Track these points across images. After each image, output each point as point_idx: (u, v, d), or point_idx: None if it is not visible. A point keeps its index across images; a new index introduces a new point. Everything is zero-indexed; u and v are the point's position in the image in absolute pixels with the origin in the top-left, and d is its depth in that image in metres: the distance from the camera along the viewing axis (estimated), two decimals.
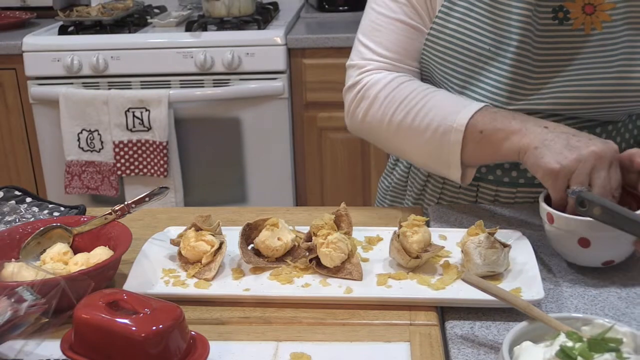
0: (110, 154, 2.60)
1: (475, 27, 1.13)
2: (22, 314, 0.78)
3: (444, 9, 1.14)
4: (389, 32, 1.18)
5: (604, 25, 1.10)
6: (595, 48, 1.10)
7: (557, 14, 1.10)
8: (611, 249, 0.95)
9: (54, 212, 1.19)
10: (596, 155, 0.94)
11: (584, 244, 0.94)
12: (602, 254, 0.96)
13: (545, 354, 0.69)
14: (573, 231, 0.95)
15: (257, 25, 2.65)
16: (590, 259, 0.97)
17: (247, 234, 1.02)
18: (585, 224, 0.93)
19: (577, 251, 0.96)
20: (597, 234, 0.93)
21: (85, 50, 2.57)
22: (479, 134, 1.06)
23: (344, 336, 0.86)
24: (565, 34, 1.11)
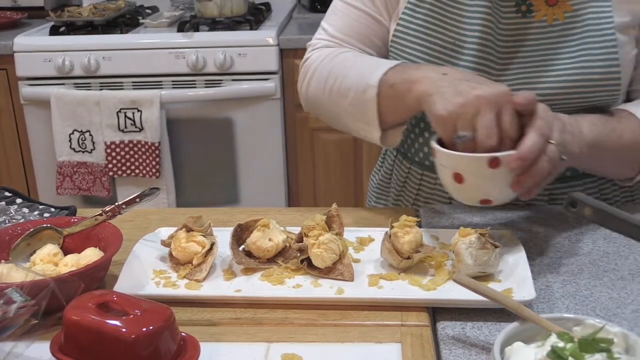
0: (102, 155, 2.60)
1: (440, 22, 1.14)
2: (12, 315, 0.77)
3: (410, 6, 1.16)
4: (344, 15, 1.24)
5: (566, 16, 1.11)
6: (558, 39, 1.11)
7: (520, 7, 1.12)
8: (485, 187, 0.95)
9: (44, 213, 1.19)
10: (481, 99, 0.93)
11: (458, 179, 0.95)
12: (476, 192, 0.96)
13: (537, 355, 0.69)
14: (448, 166, 0.96)
15: (249, 25, 2.65)
16: (466, 196, 0.98)
17: (239, 235, 1.01)
18: (458, 158, 0.94)
19: (454, 186, 0.96)
20: (469, 170, 0.94)
21: (77, 50, 2.57)
22: (389, 88, 1.07)
23: (335, 337, 0.86)
24: (528, 26, 1.12)
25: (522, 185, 0.92)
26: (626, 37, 1.11)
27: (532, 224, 1.12)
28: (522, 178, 0.92)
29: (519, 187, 0.93)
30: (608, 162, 1.11)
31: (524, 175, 0.92)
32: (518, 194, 0.95)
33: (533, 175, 0.92)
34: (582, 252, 1.03)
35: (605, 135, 1.06)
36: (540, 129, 0.92)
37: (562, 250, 1.04)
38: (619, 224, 0.88)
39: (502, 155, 0.91)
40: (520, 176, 0.92)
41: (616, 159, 1.11)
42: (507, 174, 0.92)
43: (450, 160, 0.95)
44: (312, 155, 2.72)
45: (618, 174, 1.17)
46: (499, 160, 0.91)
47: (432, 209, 1.19)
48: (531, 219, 1.13)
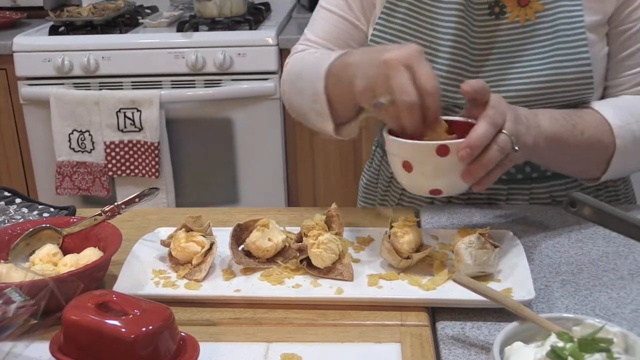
0: (102, 155, 2.60)
1: (415, 25, 1.15)
2: (11, 315, 0.77)
3: (386, 10, 1.17)
4: (323, 21, 1.26)
5: (537, 15, 1.11)
6: (531, 39, 1.12)
7: (493, 9, 1.13)
8: (434, 176, 0.94)
9: (43, 213, 1.19)
10: (386, 63, 0.92)
11: (407, 168, 0.94)
12: (425, 181, 0.95)
13: (536, 355, 0.69)
14: (397, 154, 0.95)
15: (249, 25, 2.65)
16: (415, 185, 0.97)
17: (238, 235, 1.01)
18: (405, 146, 0.93)
19: (403, 176, 0.95)
20: (417, 158, 0.93)
21: (76, 50, 2.57)
22: (335, 77, 1.06)
23: (334, 337, 0.86)
24: (501, 27, 1.13)
25: (473, 174, 0.92)
26: (596, 36, 1.12)
27: (531, 223, 1.12)
28: (472, 167, 0.91)
29: (469, 177, 0.92)
30: (569, 158, 1.10)
31: (474, 165, 0.91)
32: (469, 184, 0.94)
33: (483, 164, 0.91)
34: (581, 252, 1.03)
35: (567, 131, 1.06)
36: (491, 117, 0.91)
37: (561, 250, 1.04)
38: (618, 224, 0.88)
39: (450, 143, 0.91)
40: (470, 165, 0.91)
41: (578, 155, 1.10)
42: (457, 163, 0.91)
43: (398, 148, 0.94)
44: (312, 155, 2.72)
45: (583, 173, 1.16)
46: (447, 148, 0.90)
47: (431, 208, 1.19)
48: (531, 219, 1.13)
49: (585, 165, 1.13)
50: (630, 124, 1.10)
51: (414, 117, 0.91)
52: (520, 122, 0.96)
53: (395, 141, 0.95)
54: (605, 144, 1.09)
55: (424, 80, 0.90)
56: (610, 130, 1.09)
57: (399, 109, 0.91)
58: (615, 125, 1.09)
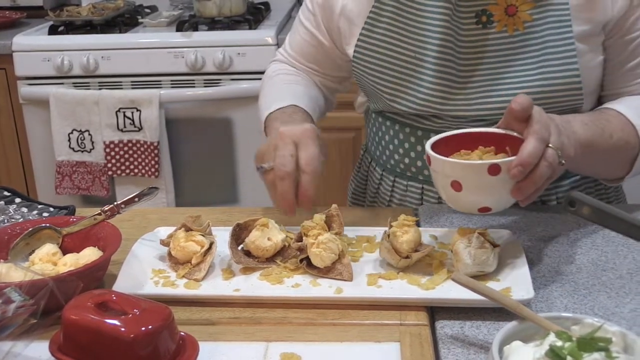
0: (101, 154, 2.59)
1: (400, 35, 1.15)
2: (10, 315, 0.77)
3: (369, 20, 1.17)
4: (297, 35, 1.33)
5: (526, 25, 1.11)
6: (519, 49, 1.11)
7: (480, 18, 1.12)
8: (484, 195, 0.94)
9: (43, 212, 1.19)
10: (280, 135, 1.05)
11: (457, 188, 0.93)
12: (475, 199, 0.94)
13: (535, 354, 0.69)
14: (445, 173, 0.94)
15: (249, 25, 2.64)
16: (465, 204, 0.96)
17: (237, 235, 1.02)
18: (456, 166, 0.93)
19: (451, 195, 0.95)
20: (467, 178, 0.92)
21: (76, 50, 2.56)
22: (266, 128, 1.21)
23: (334, 336, 0.86)
24: (489, 37, 1.12)
25: (523, 191, 0.91)
26: (586, 46, 1.11)
27: (530, 223, 1.12)
28: (522, 184, 0.91)
29: (520, 194, 0.92)
30: (600, 162, 1.11)
31: (525, 182, 0.91)
32: (517, 200, 0.94)
33: (534, 181, 0.91)
34: (580, 252, 1.03)
35: (598, 135, 1.06)
36: (539, 133, 0.91)
37: (560, 250, 1.04)
38: (617, 224, 0.88)
39: (502, 161, 0.90)
40: (520, 182, 0.91)
41: (608, 158, 1.10)
42: (507, 181, 0.91)
43: (448, 167, 0.94)
44: None
45: (608, 174, 1.17)
46: (499, 167, 0.90)
47: (431, 208, 1.19)
48: (530, 219, 1.13)
49: (613, 166, 1.14)
50: None
51: (286, 187, 1.01)
52: (563, 134, 0.96)
53: (445, 161, 0.94)
54: (632, 144, 1.09)
55: (303, 161, 1.02)
56: (635, 130, 1.09)
57: (275, 176, 1.01)
58: (639, 126, 1.09)
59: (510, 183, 0.91)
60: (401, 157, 1.24)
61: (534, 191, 0.92)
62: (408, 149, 1.22)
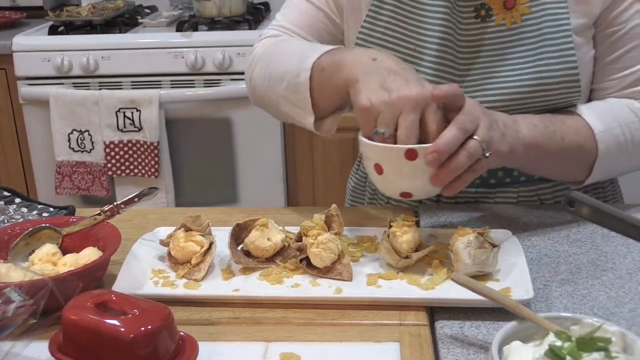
0: (101, 155, 2.60)
1: (401, 28, 1.15)
2: (10, 315, 0.77)
3: (371, 14, 1.17)
4: (296, 8, 1.25)
5: (524, 18, 1.11)
6: (517, 42, 1.11)
7: (479, 12, 1.12)
8: (403, 179, 0.95)
9: (43, 212, 1.19)
10: (405, 100, 0.93)
11: (379, 170, 0.95)
12: (395, 184, 0.96)
13: (535, 354, 0.69)
14: (369, 156, 0.96)
15: (248, 25, 2.65)
16: (387, 188, 0.98)
17: (237, 235, 1.01)
18: (376, 149, 0.94)
19: (375, 178, 0.97)
20: (387, 161, 0.94)
21: (76, 50, 2.57)
22: (321, 72, 1.05)
23: (333, 336, 0.86)
24: (488, 30, 1.12)
25: (441, 179, 0.92)
26: (583, 39, 1.11)
27: (530, 223, 1.12)
28: (440, 172, 0.92)
29: (437, 181, 0.93)
30: (550, 164, 1.10)
31: (442, 169, 0.91)
32: (438, 188, 0.94)
33: (451, 169, 0.91)
34: (580, 252, 1.03)
35: (547, 137, 1.05)
36: (462, 123, 0.91)
37: (560, 250, 1.04)
38: (617, 223, 0.88)
39: (419, 147, 0.91)
40: (438, 169, 0.91)
41: (559, 161, 1.09)
42: (426, 168, 0.92)
43: (370, 150, 0.96)
44: (311, 155, 2.72)
45: (566, 177, 1.15)
46: (415, 152, 0.91)
47: (430, 208, 1.19)
48: (529, 218, 1.13)
49: (568, 170, 1.12)
50: (614, 129, 1.09)
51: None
52: (495, 129, 0.96)
53: (367, 144, 0.96)
54: (587, 149, 1.08)
55: (430, 127, 0.93)
56: (593, 135, 1.08)
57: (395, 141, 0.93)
58: (598, 130, 1.08)
59: (430, 170, 0.92)
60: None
61: (456, 180, 0.93)
62: None
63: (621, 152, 1.10)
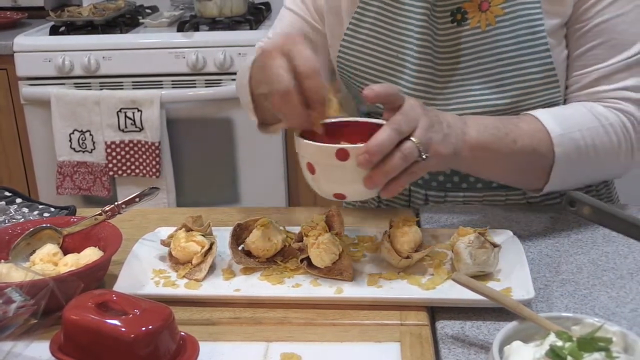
0: (102, 155, 2.60)
1: (383, 35, 1.15)
2: (11, 315, 0.77)
3: (354, 21, 1.17)
4: (284, 19, 1.27)
5: (498, 20, 1.10)
6: (492, 44, 1.10)
7: (455, 16, 1.12)
8: (336, 180, 0.92)
9: (44, 212, 1.19)
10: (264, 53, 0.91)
11: (311, 170, 0.92)
12: (328, 184, 0.92)
13: (536, 354, 0.69)
14: (302, 154, 0.93)
15: (249, 25, 2.65)
16: (320, 188, 0.94)
17: (238, 235, 1.01)
18: (307, 147, 0.91)
19: (309, 177, 0.93)
20: (318, 161, 0.90)
21: (77, 50, 2.57)
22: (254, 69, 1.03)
23: (334, 336, 0.86)
24: (463, 34, 1.12)
25: (374, 180, 0.88)
26: (555, 40, 1.10)
27: (531, 223, 1.12)
28: (373, 174, 0.88)
29: (370, 183, 0.88)
30: (501, 167, 1.06)
31: (375, 171, 0.87)
32: (372, 190, 0.91)
33: (384, 171, 0.87)
34: (581, 252, 1.03)
35: (497, 139, 1.01)
36: (396, 123, 0.87)
37: (561, 250, 1.04)
38: (617, 223, 0.88)
39: (350, 147, 0.88)
40: (371, 171, 0.88)
41: (511, 165, 1.05)
42: (359, 169, 0.88)
43: (302, 148, 0.93)
44: None
45: (521, 183, 1.11)
46: (347, 153, 0.87)
47: (431, 208, 1.19)
48: (530, 218, 1.13)
49: (522, 175, 1.08)
50: (573, 133, 1.05)
51: (291, 104, 0.87)
52: (436, 130, 0.92)
53: (299, 142, 0.92)
54: (543, 152, 1.04)
55: (298, 64, 0.87)
56: (549, 139, 1.04)
57: (276, 97, 0.88)
58: (555, 134, 1.04)
59: (364, 171, 0.88)
60: None
61: (392, 182, 0.89)
62: None
63: (581, 158, 1.06)
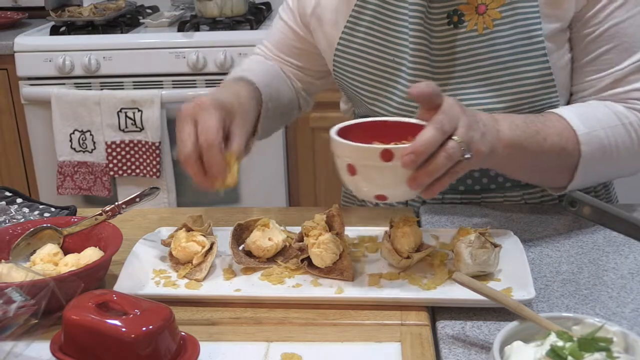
0: (103, 155, 2.60)
1: (379, 39, 1.15)
2: (11, 315, 0.77)
3: (349, 24, 1.17)
4: (275, 26, 1.32)
5: (495, 23, 1.10)
6: (489, 47, 1.10)
7: (451, 19, 1.11)
8: (379, 181, 0.90)
9: (44, 212, 1.19)
10: (179, 116, 0.97)
11: (352, 171, 0.90)
12: (370, 186, 0.91)
13: (536, 354, 0.69)
14: (341, 156, 0.91)
15: (250, 25, 2.65)
16: (361, 189, 0.92)
17: (238, 235, 1.02)
18: (350, 148, 0.90)
19: (348, 179, 0.92)
20: (360, 162, 0.89)
21: (77, 50, 2.57)
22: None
23: (335, 336, 0.86)
24: (460, 36, 1.11)
25: (418, 181, 0.87)
26: (554, 45, 1.10)
27: (531, 223, 1.12)
28: (418, 174, 0.87)
29: (414, 184, 0.87)
30: (531, 166, 1.06)
31: (420, 172, 0.86)
32: (415, 191, 0.90)
33: (429, 171, 0.86)
34: (581, 252, 1.03)
35: (528, 137, 1.01)
36: (439, 123, 0.87)
37: (561, 250, 1.04)
38: (618, 223, 0.88)
39: (395, 147, 0.87)
40: (416, 172, 0.87)
41: (540, 163, 1.05)
42: (403, 170, 0.87)
43: (342, 149, 0.91)
44: (313, 155, 2.72)
45: (548, 181, 1.11)
46: (391, 153, 0.86)
47: (431, 208, 1.19)
48: (531, 218, 1.13)
49: (549, 173, 1.08)
50: (597, 131, 1.05)
51: (193, 168, 0.94)
52: (475, 129, 0.91)
53: (339, 142, 0.91)
54: (569, 150, 1.04)
55: (199, 136, 0.94)
56: (576, 137, 1.04)
57: (180, 158, 0.95)
58: (581, 132, 1.04)
59: (406, 172, 0.87)
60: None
61: (434, 183, 0.88)
62: None
63: (605, 156, 1.06)
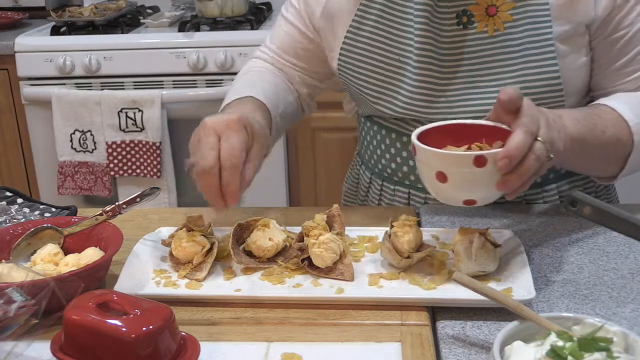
0: (103, 155, 2.60)
1: (384, 38, 1.15)
2: (12, 315, 0.78)
3: (354, 24, 1.17)
4: (279, 29, 1.31)
5: (506, 26, 1.10)
6: (499, 50, 1.10)
7: (461, 19, 1.11)
8: (469, 187, 0.91)
9: (45, 212, 1.19)
10: (203, 126, 0.98)
11: (441, 179, 0.91)
12: (460, 191, 0.92)
13: (536, 354, 0.69)
14: (430, 164, 0.92)
15: (250, 25, 2.65)
16: (449, 196, 0.93)
17: (239, 235, 1.02)
18: (441, 156, 0.91)
19: (436, 186, 0.92)
20: (452, 169, 0.90)
21: (78, 50, 2.57)
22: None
23: (335, 336, 0.86)
24: (469, 37, 1.11)
25: (509, 184, 0.89)
26: (567, 47, 1.10)
27: (532, 223, 1.12)
28: (509, 177, 0.88)
29: (506, 187, 0.89)
30: (591, 158, 1.08)
31: (511, 175, 0.88)
32: (504, 193, 0.91)
33: (520, 174, 0.88)
34: (582, 252, 1.03)
35: (589, 131, 1.03)
36: (527, 126, 0.88)
37: (562, 250, 1.04)
38: (618, 223, 0.88)
39: (488, 153, 0.88)
40: (507, 175, 0.88)
41: (599, 155, 1.08)
42: (493, 173, 0.88)
43: (433, 158, 0.91)
44: (313, 155, 2.72)
45: (601, 171, 1.14)
46: (485, 159, 0.88)
47: (431, 208, 1.19)
48: (531, 218, 1.13)
49: (604, 164, 1.11)
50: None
51: (209, 183, 0.96)
52: (552, 128, 0.93)
53: (430, 151, 0.91)
54: (624, 141, 1.07)
55: (222, 154, 0.95)
56: (628, 127, 1.07)
57: (197, 170, 0.95)
58: (633, 122, 1.07)
59: (497, 176, 0.88)
60: (388, 162, 1.24)
61: (520, 185, 0.90)
62: (394, 155, 1.23)
63: None
